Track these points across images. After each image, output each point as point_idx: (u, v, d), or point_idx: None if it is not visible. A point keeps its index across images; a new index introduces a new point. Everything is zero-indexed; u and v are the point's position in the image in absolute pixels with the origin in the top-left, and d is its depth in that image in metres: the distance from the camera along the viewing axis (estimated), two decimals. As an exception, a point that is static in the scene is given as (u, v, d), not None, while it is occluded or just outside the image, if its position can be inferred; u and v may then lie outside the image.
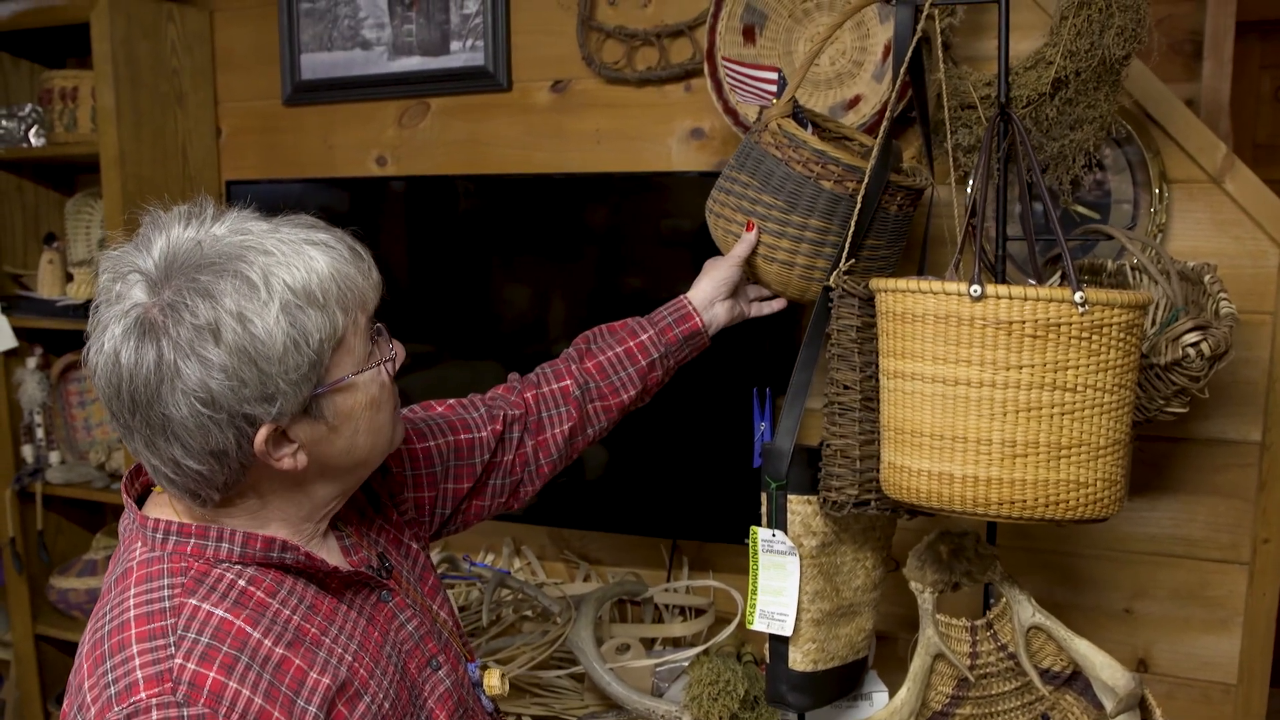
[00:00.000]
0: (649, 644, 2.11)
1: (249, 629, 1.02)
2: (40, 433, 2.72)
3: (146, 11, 2.43)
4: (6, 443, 2.70)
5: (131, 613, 1.00)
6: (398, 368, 1.15)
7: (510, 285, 2.18)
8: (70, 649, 2.80)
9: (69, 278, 2.62)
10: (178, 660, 0.96)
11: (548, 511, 2.22)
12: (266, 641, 1.02)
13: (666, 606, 2.20)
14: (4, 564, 2.75)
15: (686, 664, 1.90)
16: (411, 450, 1.38)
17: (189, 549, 1.06)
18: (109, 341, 0.99)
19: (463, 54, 2.30)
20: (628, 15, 2.16)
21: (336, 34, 2.42)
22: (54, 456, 2.73)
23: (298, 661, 1.04)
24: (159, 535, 1.06)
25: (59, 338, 2.71)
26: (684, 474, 2.09)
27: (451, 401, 1.50)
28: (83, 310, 2.51)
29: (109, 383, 1.00)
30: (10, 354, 2.66)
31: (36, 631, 2.75)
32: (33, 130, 2.59)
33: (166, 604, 1.00)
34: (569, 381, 1.54)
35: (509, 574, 2.12)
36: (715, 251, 1.66)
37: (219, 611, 1.01)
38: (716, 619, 2.15)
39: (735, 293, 1.64)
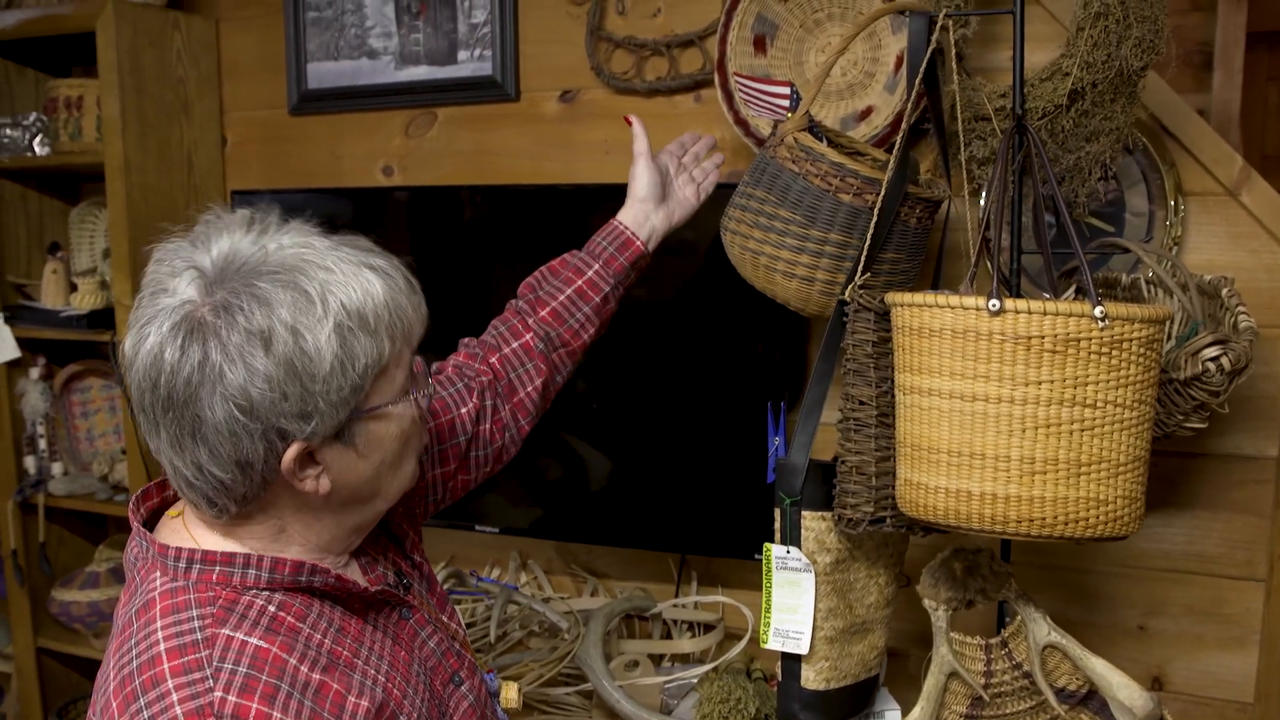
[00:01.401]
0: (657, 660, 2.09)
1: (285, 655, 0.99)
2: (43, 444, 2.70)
3: (152, 20, 2.42)
4: (9, 454, 2.68)
5: (162, 646, 0.96)
6: (434, 394, 1.14)
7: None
8: (72, 662, 2.79)
9: (73, 288, 2.61)
10: (217, 693, 0.93)
11: (554, 525, 2.20)
12: (303, 668, 1.00)
13: (675, 622, 2.18)
14: (5, 576, 2.74)
15: (696, 681, 1.88)
16: None
17: (215, 577, 1.03)
18: (154, 335, 0.97)
19: (470, 63, 2.28)
20: (637, 25, 2.14)
21: (343, 43, 2.40)
22: (56, 468, 2.71)
23: (335, 686, 1.02)
24: (181, 564, 1.03)
25: (62, 348, 2.70)
26: (692, 488, 2.07)
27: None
28: (86, 321, 2.50)
29: (147, 376, 0.98)
30: (13, 364, 2.64)
31: (38, 644, 2.73)
32: (37, 139, 2.58)
33: (199, 635, 0.97)
34: (529, 336, 1.52)
35: (516, 589, 2.11)
36: (728, 266, 1.64)
37: (253, 640, 0.99)
38: (726, 635, 2.12)
39: (665, 195, 1.64)
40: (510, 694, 1.32)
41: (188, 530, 1.07)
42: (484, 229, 2.18)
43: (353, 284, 1.00)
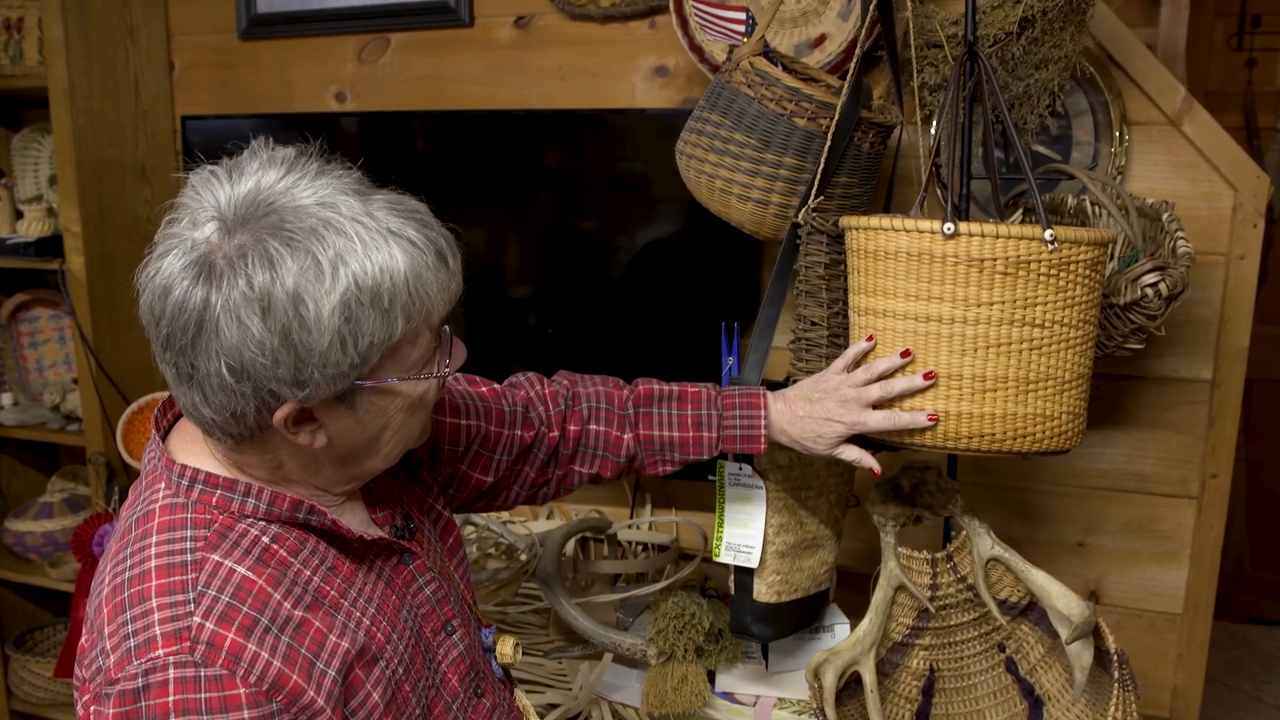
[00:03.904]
0: (613, 580, 2.13)
1: (270, 589, 0.99)
2: (-10, 374, 2.68)
3: (95, -60, 2.37)
4: (-44, 384, 2.65)
5: (153, 563, 0.97)
6: (454, 371, 1.10)
7: (476, 222, 2.17)
8: (28, 592, 2.78)
9: (18, 215, 2.56)
10: (196, 619, 0.94)
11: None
12: (286, 604, 1.00)
13: (629, 543, 2.22)
14: (-43, 507, 2.72)
15: (651, 599, 1.93)
16: (441, 423, 1.33)
17: (214, 500, 1.03)
18: (165, 270, 0.94)
19: (424, -12, 2.26)
20: (592, -50, 2.13)
21: (293, -34, 2.36)
22: (6, 398, 2.69)
23: (317, 624, 1.02)
24: (184, 482, 1.03)
25: (9, 277, 2.65)
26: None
27: (498, 386, 1.41)
28: (34, 248, 2.46)
29: (150, 312, 0.96)
30: (-42, 294, 2.61)
31: (-8, 574, 2.73)
32: (-24, 62, 2.52)
33: (189, 557, 0.98)
34: (618, 435, 1.43)
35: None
36: (683, 190, 1.65)
37: (241, 569, 0.98)
38: (680, 555, 2.17)
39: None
40: (506, 648, 1.32)
41: (201, 445, 1.07)
42: (438, 155, 2.17)
43: (373, 256, 0.94)
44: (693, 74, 2.06)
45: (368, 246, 0.94)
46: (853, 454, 1.38)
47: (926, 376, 1.31)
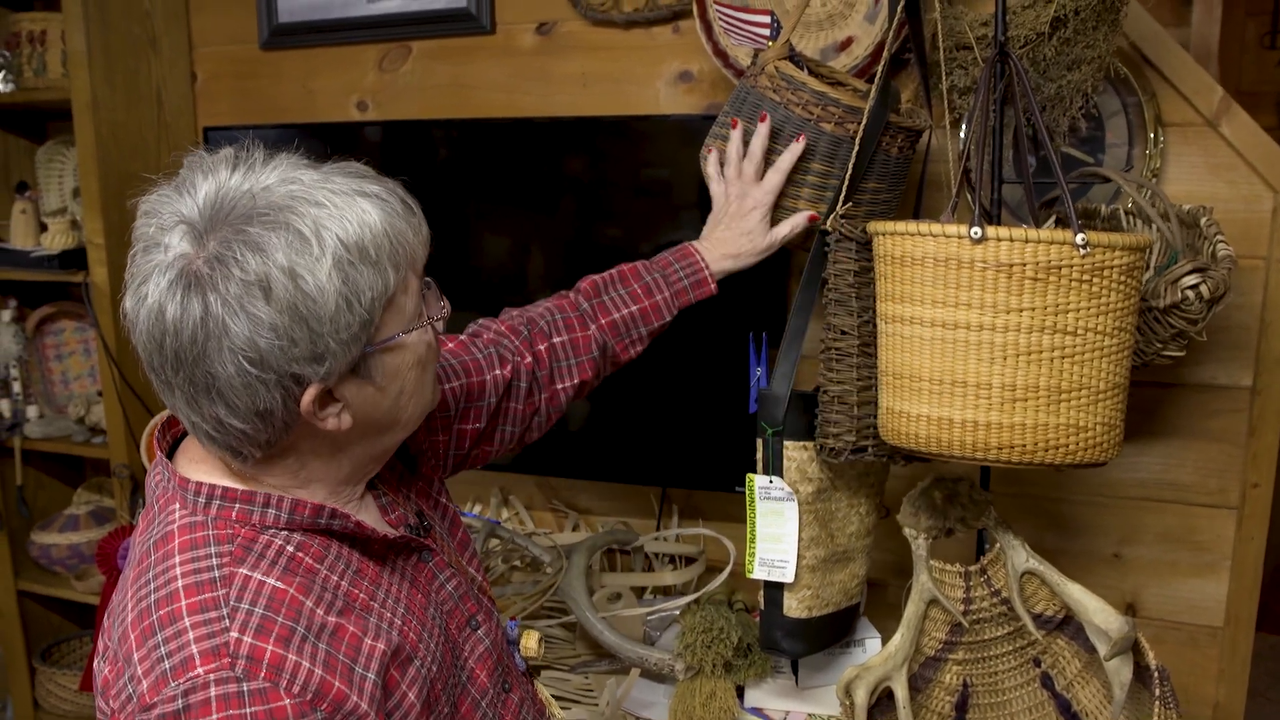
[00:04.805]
0: (640, 593, 2.11)
1: (302, 597, 0.98)
2: (17, 387, 2.67)
3: (116, -49, 2.37)
4: (-17, 397, 2.65)
5: (180, 583, 0.95)
6: (444, 324, 1.12)
7: (499, 229, 2.15)
8: (54, 604, 2.79)
9: (43, 228, 2.57)
10: (233, 634, 0.92)
11: (536, 460, 2.20)
12: (319, 610, 0.99)
13: (657, 555, 2.19)
14: (-16, 519, 2.73)
15: (678, 612, 1.90)
16: None
17: (234, 514, 1.02)
18: (153, 293, 0.94)
19: (445, -4, 2.24)
20: (614, -45, 2.11)
21: (314, -25, 2.36)
22: (32, 411, 2.69)
23: (351, 628, 1.01)
24: (201, 499, 1.02)
25: (34, 289, 2.66)
26: (672, 421, 2.07)
27: (462, 338, 1.45)
28: (58, 261, 2.46)
29: (151, 337, 0.95)
30: (-16, 306, 2.61)
31: (19, 587, 2.72)
32: (1, 75, 2.53)
33: (216, 573, 0.96)
34: (583, 334, 1.50)
35: (499, 524, 2.11)
36: (708, 198, 1.63)
37: (270, 580, 0.98)
38: (707, 567, 2.14)
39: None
40: (530, 642, 1.32)
41: (210, 462, 1.06)
42: (459, 163, 2.15)
43: (348, 215, 0.97)
44: (717, 79, 2.03)
45: (340, 209, 0.97)
46: (785, 228, 1.55)
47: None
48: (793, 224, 1.55)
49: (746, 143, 1.52)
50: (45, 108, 2.57)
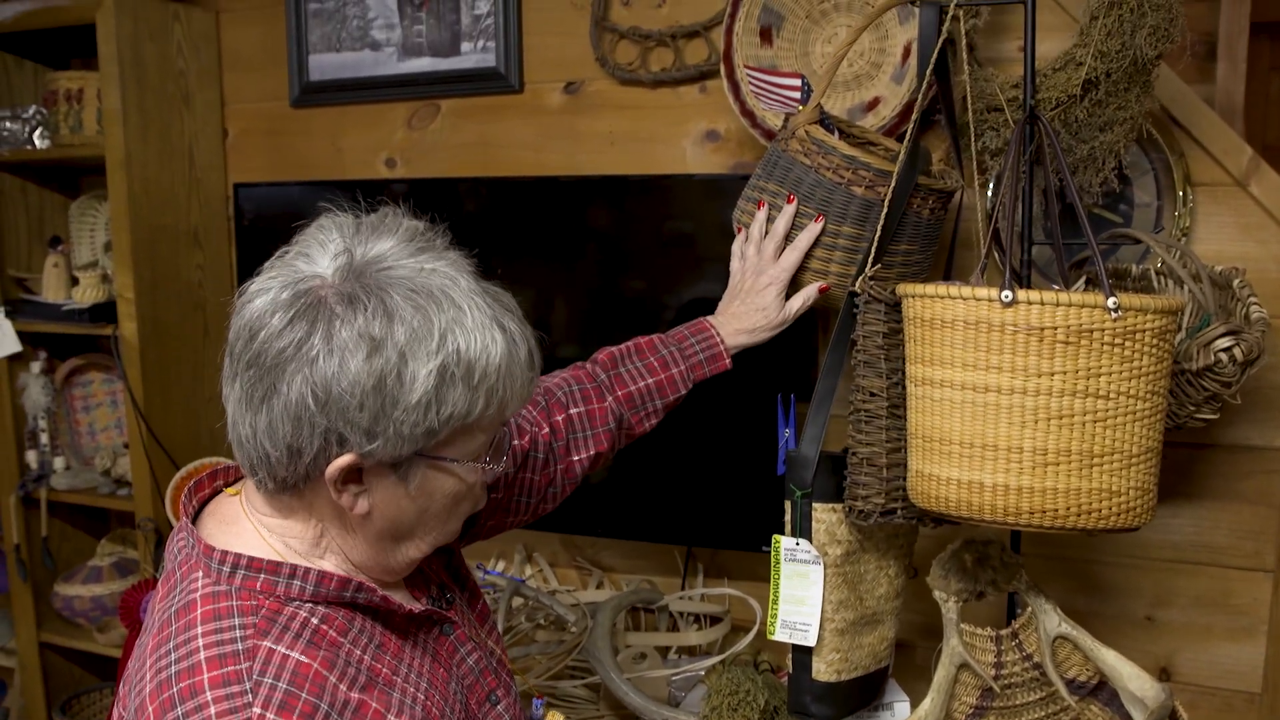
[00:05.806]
0: (664, 653, 2.08)
1: (326, 672, 0.97)
2: (44, 438, 2.69)
3: (152, 12, 2.41)
4: (10, 448, 2.67)
5: (202, 655, 0.94)
6: (497, 478, 1.12)
7: (525, 288, 2.16)
8: (76, 656, 2.78)
9: (74, 281, 2.59)
10: (256, 709, 0.91)
11: (560, 518, 2.17)
12: (343, 686, 0.98)
13: (681, 614, 2.17)
14: (8, 570, 2.73)
15: (703, 673, 1.88)
16: None
17: (259, 584, 1.00)
18: (270, 295, 0.96)
19: (474, 55, 2.27)
20: (642, 16, 2.13)
21: (345, 35, 2.39)
22: (58, 462, 2.70)
23: (374, 705, 0.99)
24: (226, 568, 1.01)
25: (63, 342, 2.68)
26: (698, 480, 2.06)
27: None
28: (88, 315, 2.48)
29: (247, 327, 0.97)
30: (14, 358, 2.63)
31: (41, 639, 2.72)
32: (37, 132, 2.57)
33: (239, 646, 0.95)
34: (599, 406, 1.50)
35: (523, 582, 2.10)
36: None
37: (295, 654, 0.96)
38: (732, 627, 2.12)
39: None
40: None
41: (244, 507, 1.06)
42: (487, 221, 2.17)
43: (477, 334, 0.98)
44: (744, 139, 2.05)
45: (474, 326, 0.98)
46: (798, 301, 1.58)
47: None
48: (805, 297, 1.57)
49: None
50: (80, 164, 2.61)
